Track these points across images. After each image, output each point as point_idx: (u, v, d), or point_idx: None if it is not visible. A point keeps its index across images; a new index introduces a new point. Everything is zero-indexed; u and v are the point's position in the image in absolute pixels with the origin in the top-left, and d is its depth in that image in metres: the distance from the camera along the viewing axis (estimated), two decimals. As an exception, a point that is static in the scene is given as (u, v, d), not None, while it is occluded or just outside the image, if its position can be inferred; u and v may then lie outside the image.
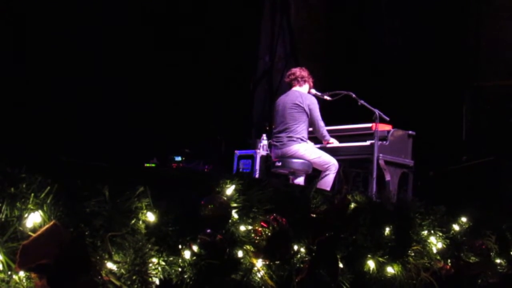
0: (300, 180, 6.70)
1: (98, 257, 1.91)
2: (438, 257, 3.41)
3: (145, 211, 2.13)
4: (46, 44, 7.51)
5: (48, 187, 1.87)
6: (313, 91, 6.93)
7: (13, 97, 7.16)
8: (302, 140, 6.65)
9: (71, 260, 1.78)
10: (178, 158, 9.03)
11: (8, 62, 7.15)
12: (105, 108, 8.27)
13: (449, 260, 3.47)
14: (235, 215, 2.41)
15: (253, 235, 2.47)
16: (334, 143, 6.89)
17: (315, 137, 6.90)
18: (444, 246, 3.46)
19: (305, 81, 6.87)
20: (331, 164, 6.58)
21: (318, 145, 6.87)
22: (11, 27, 7.30)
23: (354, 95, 6.85)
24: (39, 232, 1.77)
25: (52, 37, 7.58)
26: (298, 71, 6.92)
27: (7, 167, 1.85)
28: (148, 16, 9.08)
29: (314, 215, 2.73)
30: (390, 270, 3.08)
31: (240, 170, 7.27)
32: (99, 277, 1.88)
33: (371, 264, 3.00)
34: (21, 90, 7.27)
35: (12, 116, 6.90)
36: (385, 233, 3.13)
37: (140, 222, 2.10)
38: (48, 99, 7.45)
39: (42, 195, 1.86)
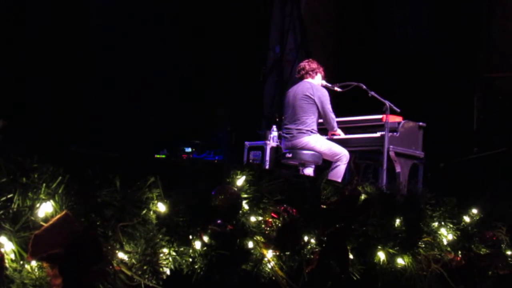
0: (310, 171, 6.69)
1: (109, 247, 1.92)
2: (449, 249, 3.40)
3: (156, 201, 2.13)
4: (62, 38, 7.54)
5: (60, 177, 1.88)
6: (324, 82, 6.91)
7: (26, 88, 7.19)
8: (312, 132, 6.64)
9: (83, 250, 1.79)
10: (188, 149, 9.05)
11: (22, 53, 7.19)
12: (117, 100, 8.30)
13: (459, 252, 3.46)
14: (245, 205, 2.41)
15: (263, 225, 2.47)
16: (340, 134, 6.89)
17: (322, 129, 6.89)
18: (455, 237, 3.45)
19: (316, 73, 6.86)
20: (342, 154, 6.57)
21: (325, 137, 6.86)
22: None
23: (364, 87, 6.83)
24: (51, 222, 1.78)
25: (68, 30, 7.61)
26: (307, 65, 6.89)
27: (19, 157, 1.85)
28: (159, 8, 9.08)
29: (325, 206, 2.73)
30: (400, 261, 3.07)
31: (250, 161, 7.27)
32: (110, 266, 1.89)
33: (381, 255, 3.00)
34: (34, 81, 7.30)
35: (25, 107, 6.94)
36: (396, 225, 3.13)
37: (151, 212, 2.11)
38: (60, 90, 7.48)
39: (54, 185, 1.86)
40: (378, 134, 6.66)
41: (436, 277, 3.25)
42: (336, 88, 6.98)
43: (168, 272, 2.09)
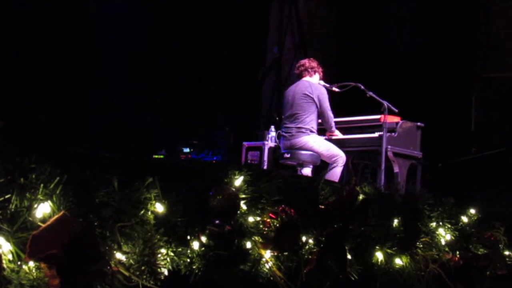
0: (307, 171, 6.70)
1: (107, 248, 1.92)
2: (447, 249, 3.40)
3: (154, 201, 2.13)
4: (62, 39, 7.53)
5: (58, 178, 1.87)
6: (322, 82, 6.93)
7: (25, 88, 7.19)
8: (311, 131, 6.64)
9: (81, 250, 1.79)
10: (187, 150, 9.04)
11: (21, 54, 7.19)
12: (115, 100, 8.30)
13: (457, 252, 3.46)
14: (243, 206, 2.41)
15: (261, 226, 2.47)
16: (338, 135, 6.90)
17: (320, 129, 6.90)
18: (453, 237, 3.45)
19: (315, 72, 6.88)
20: (339, 156, 6.58)
21: (323, 137, 6.87)
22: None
23: (362, 87, 6.84)
24: (48, 223, 1.78)
25: (68, 31, 7.61)
26: (308, 62, 6.94)
27: (17, 157, 1.85)
28: (158, 9, 9.08)
29: (323, 207, 2.73)
30: (398, 261, 3.07)
31: (249, 161, 7.28)
32: (108, 267, 1.89)
33: (379, 255, 3.00)
34: (33, 81, 7.30)
35: (23, 107, 6.93)
36: (394, 225, 3.13)
37: (149, 212, 2.11)
38: (59, 90, 7.48)
39: (52, 186, 1.86)
40: (376, 134, 6.66)
41: (434, 277, 3.25)
42: (334, 88, 6.99)
43: (166, 272, 2.09)
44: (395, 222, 3.14)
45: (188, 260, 2.20)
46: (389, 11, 10.37)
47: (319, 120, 6.80)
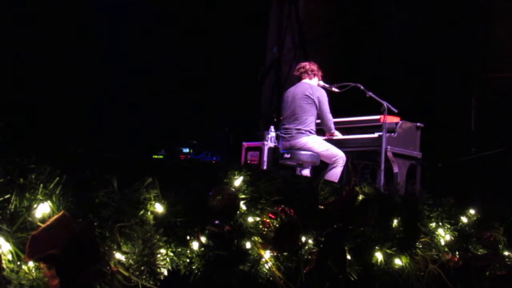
0: (306, 172, 6.70)
1: (106, 248, 1.92)
2: (446, 249, 3.40)
3: (153, 202, 2.13)
4: (61, 39, 7.53)
5: (57, 178, 1.87)
6: (321, 82, 6.93)
7: (25, 88, 7.18)
8: (310, 132, 6.65)
9: (80, 250, 1.79)
10: (186, 150, 9.04)
11: (21, 54, 7.18)
12: (114, 100, 8.29)
13: (457, 252, 3.46)
14: (243, 206, 2.41)
15: (261, 226, 2.47)
16: (338, 136, 6.90)
17: (320, 129, 6.90)
18: (452, 238, 3.45)
19: (314, 74, 6.89)
20: (339, 157, 6.59)
21: (323, 137, 6.87)
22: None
23: (362, 87, 6.85)
24: (48, 223, 1.78)
25: (67, 31, 7.60)
26: (308, 65, 6.95)
27: (17, 157, 1.85)
28: (157, 9, 9.07)
29: (322, 207, 2.73)
30: (398, 262, 3.07)
31: (248, 161, 7.28)
32: (108, 267, 1.89)
33: (379, 256, 3.00)
34: (33, 81, 7.30)
35: (23, 107, 6.93)
36: (393, 225, 3.13)
37: (149, 213, 2.11)
38: (59, 91, 7.47)
39: (51, 186, 1.86)
40: (375, 135, 6.67)
41: (434, 277, 3.25)
42: (334, 89, 6.99)
43: (165, 272, 2.09)
44: (395, 222, 3.14)
45: (188, 260, 2.20)
46: (389, 11, 10.37)
47: (318, 121, 6.81)
